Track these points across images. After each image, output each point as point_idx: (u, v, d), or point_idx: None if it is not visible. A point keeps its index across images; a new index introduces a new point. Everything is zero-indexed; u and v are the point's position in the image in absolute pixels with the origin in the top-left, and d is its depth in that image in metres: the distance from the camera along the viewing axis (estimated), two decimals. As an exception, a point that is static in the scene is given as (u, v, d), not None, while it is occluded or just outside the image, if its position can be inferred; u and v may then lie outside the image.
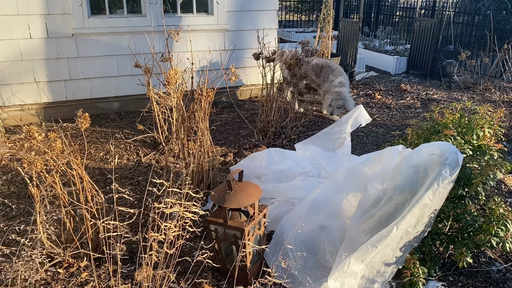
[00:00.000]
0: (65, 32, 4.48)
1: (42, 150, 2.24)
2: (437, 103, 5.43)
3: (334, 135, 3.22)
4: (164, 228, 1.78)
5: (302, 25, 12.37)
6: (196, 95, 2.87)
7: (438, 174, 2.21)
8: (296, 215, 2.53)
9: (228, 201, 2.16)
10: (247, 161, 3.17)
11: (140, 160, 3.82)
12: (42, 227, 2.30)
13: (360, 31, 6.24)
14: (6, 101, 4.43)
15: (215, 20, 5.09)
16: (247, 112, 5.05)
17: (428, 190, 2.19)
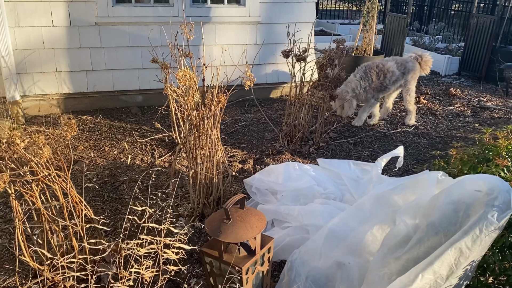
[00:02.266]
0: (88, 21, 4.29)
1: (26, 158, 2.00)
2: (491, 112, 4.83)
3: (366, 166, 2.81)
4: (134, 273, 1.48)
5: (349, 16, 11.74)
6: (207, 100, 2.54)
7: (482, 217, 1.77)
8: (309, 250, 2.17)
9: (224, 234, 1.84)
10: (262, 175, 2.84)
11: (154, 161, 3.57)
12: (23, 244, 2.08)
13: (408, 27, 5.68)
14: (26, 90, 4.31)
15: (247, 12, 4.73)
16: (275, 113, 4.68)
17: (467, 236, 1.76)
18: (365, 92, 4.16)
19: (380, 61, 4.23)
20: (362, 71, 4.16)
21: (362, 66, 4.22)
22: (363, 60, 5.27)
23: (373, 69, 4.12)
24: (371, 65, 4.17)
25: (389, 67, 4.14)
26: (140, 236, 1.49)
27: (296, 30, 3.82)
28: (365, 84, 4.14)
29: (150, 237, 1.49)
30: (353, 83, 4.15)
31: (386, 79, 4.14)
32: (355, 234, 2.26)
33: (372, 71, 4.12)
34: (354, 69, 5.17)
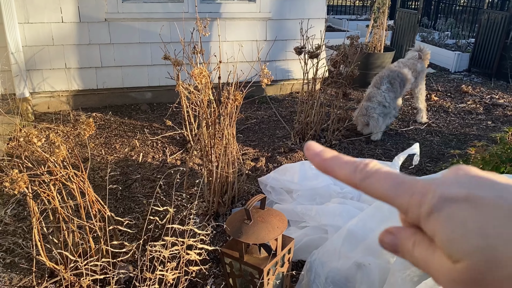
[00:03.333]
0: (98, 17, 4.25)
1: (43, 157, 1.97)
2: (503, 109, 4.78)
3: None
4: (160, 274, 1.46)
5: (355, 12, 11.66)
6: (223, 98, 2.51)
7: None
8: (328, 251, 2.14)
9: (245, 234, 1.81)
10: (277, 173, 2.80)
11: (165, 159, 3.55)
12: (40, 244, 2.06)
13: (418, 23, 5.62)
14: (36, 87, 4.28)
15: (257, 8, 4.69)
16: (286, 110, 4.65)
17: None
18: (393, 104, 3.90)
19: (397, 69, 3.95)
20: (387, 81, 3.85)
21: (384, 76, 3.90)
22: (374, 57, 5.22)
23: (396, 78, 3.88)
24: (393, 75, 3.90)
25: (407, 75, 3.95)
26: (164, 238, 1.46)
27: (309, 26, 3.78)
28: (393, 96, 3.86)
29: (174, 238, 1.46)
30: (379, 97, 3.82)
31: (405, 88, 4.00)
32: (375, 235, 2.22)
33: (396, 81, 3.87)
34: (366, 67, 5.12)
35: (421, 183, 0.32)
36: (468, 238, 0.29)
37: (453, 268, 0.30)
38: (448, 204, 0.31)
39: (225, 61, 3.63)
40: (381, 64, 5.29)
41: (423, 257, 0.33)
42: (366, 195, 0.35)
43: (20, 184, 1.59)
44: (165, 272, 1.42)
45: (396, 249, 0.35)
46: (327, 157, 0.37)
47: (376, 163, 0.36)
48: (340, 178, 0.36)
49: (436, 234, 0.31)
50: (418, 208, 0.32)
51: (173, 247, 1.47)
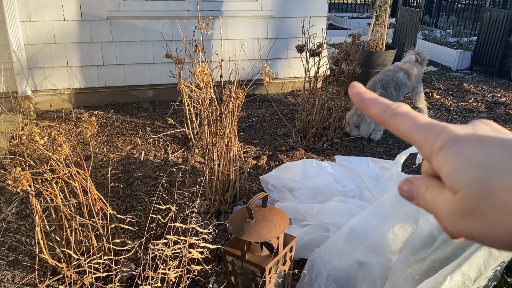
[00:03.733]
0: (100, 15, 4.25)
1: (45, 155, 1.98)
2: (505, 108, 4.77)
3: (385, 163, 2.77)
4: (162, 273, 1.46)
5: (357, 10, 11.63)
6: (225, 96, 2.51)
7: None
8: (330, 249, 2.14)
9: (247, 233, 1.81)
10: (279, 171, 2.80)
11: (167, 157, 3.55)
12: (43, 242, 2.07)
13: (420, 21, 5.61)
14: (38, 85, 4.29)
15: (259, 6, 4.68)
16: (287, 108, 4.64)
17: (497, 237, 1.74)
18: None
19: (392, 74, 3.91)
20: (380, 86, 3.82)
21: (377, 81, 3.87)
22: (376, 55, 5.21)
23: (390, 83, 3.85)
24: (387, 79, 3.86)
25: (402, 79, 3.90)
26: (166, 236, 1.47)
27: (310, 24, 3.77)
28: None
29: (176, 237, 1.47)
30: None
31: (400, 91, 3.95)
32: (376, 233, 2.23)
33: (390, 85, 3.84)
34: (368, 65, 5.12)
35: (440, 125, 0.35)
36: (470, 169, 0.31)
37: (453, 199, 0.33)
38: (459, 142, 0.33)
39: (227, 60, 3.63)
40: (382, 62, 5.29)
41: (432, 197, 0.35)
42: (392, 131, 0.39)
43: (23, 182, 1.60)
44: (167, 271, 1.42)
45: (412, 196, 0.38)
46: (367, 96, 0.41)
47: (408, 107, 0.38)
48: (372, 114, 0.40)
49: (442, 168, 0.34)
50: (432, 144, 0.34)
51: (176, 245, 1.48)
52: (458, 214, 0.33)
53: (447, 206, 0.33)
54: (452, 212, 0.33)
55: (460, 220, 0.32)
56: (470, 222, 0.32)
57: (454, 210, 0.33)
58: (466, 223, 0.32)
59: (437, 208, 0.35)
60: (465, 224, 0.32)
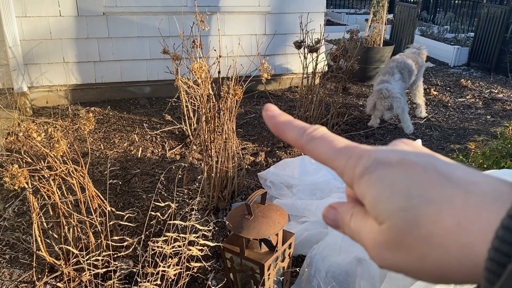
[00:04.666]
0: (96, 11, 4.22)
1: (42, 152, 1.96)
2: (503, 104, 4.78)
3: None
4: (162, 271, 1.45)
5: (354, 5, 11.61)
6: (223, 92, 2.50)
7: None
8: (329, 245, 2.14)
9: (246, 230, 1.81)
10: (277, 168, 2.80)
11: (165, 154, 3.54)
12: (40, 239, 2.05)
13: (418, 17, 5.60)
14: (34, 81, 4.26)
15: (256, 1, 4.66)
16: (286, 104, 4.64)
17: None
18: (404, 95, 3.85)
19: (403, 59, 3.92)
20: (398, 71, 3.79)
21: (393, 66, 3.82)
22: (374, 51, 5.20)
23: (404, 68, 3.83)
24: (401, 65, 3.84)
25: (411, 66, 3.90)
26: (166, 233, 1.46)
27: (308, 20, 3.76)
28: (403, 86, 3.82)
29: (176, 234, 1.46)
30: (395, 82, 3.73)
31: (411, 79, 3.96)
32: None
33: (404, 71, 3.83)
34: (365, 61, 5.11)
35: (359, 148, 0.33)
36: (394, 198, 0.29)
37: (378, 231, 0.31)
38: (380, 167, 0.31)
39: (224, 55, 3.61)
40: (380, 58, 5.28)
41: (357, 227, 0.33)
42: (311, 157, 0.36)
43: (21, 179, 1.59)
44: (166, 268, 1.42)
45: (337, 224, 0.36)
46: (281, 120, 0.38)
47: (325, 129, 0.36)
48: (289, 140, 0.38)
49: (365, 196, 0.31)
50: (352, 170, 0.32)
51: (175, 243, 1.47)
52: (384, 247, 0.30)
53: (373, 237, 0.31)
54: (378, 245, 0.31)
55: (387, 253, 0.30)
56: (397, 256, 0.30)
57: (379, 243, 0.31)
58: (393, 256, 0.30)
59: (363, 240, 0.32)
60: (392, 258, 0.30)
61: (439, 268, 0.28)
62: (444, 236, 0.28)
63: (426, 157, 0.31)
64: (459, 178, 0.29)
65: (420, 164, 0.30)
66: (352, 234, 0.34)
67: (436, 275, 0.29)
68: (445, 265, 0.28)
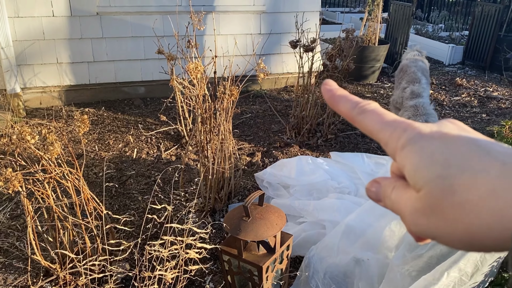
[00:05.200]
0: (90, 11, 4.18)
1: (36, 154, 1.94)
2: (498, 102, 4.79)
3: (380, 159, 2.75)
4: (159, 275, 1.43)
5: (348, 4, 11.61)
6: (219, 93, 2.48)
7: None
8: (327, 246, 2.13)
9: (243, 232, 1.79)
10: (274, 168, 2.78)
11: (160, 155, 3.51)
12: (35, 243, 2.02)
13: (413, 15, 5.60)
14: (27, 82, 4.21)
15: (251, 1, 4.64)
16: (281, 104, 4.62)
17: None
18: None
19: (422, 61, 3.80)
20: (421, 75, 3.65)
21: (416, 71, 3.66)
22: (369, 50, 5.20)
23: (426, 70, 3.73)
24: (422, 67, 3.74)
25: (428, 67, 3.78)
26: (163, 237, 1.44)
27: (304, 19, 3.74)
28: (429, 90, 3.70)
29: (173, 237, 1.44)
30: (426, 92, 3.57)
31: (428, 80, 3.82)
32: (373, 230, 2.22)
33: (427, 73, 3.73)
34: (361, 60, 5.10)
35: (406, 122, 0.35)
36: (432, 167, 0.31)
37: (416, 197, 0.32)
38: (422, 139, 0.33)
39: (219, 55, 3.58)
40: (375, 57, 5.28)
41: (397, 197, 0.35)
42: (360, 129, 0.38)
43: (14, 183, 1.56)
44: (164, 272, 1.40)
45: (379, 197, 0.38)
46: (338, 93, 0.41)
47: (377, 105, 0.38)
48: (341, 111, 0.40)
49: (406, 164, 0.33)
50: (396, 141, 0.34)
51: (172, 246, 1.45)
52: (420, 212, 0.32)
53: (410, 204, 0.33)
54: (415, 211, 0.33)
55: (423, 219, 0.32)
56: (431, 221, 0.31)
57: (416, 209, 0.32)
58: (428, 221, 0.32)
59: (401, 208, 0.34)
60: (427, 223, 0.32)
61: (470, 233, 0.30)
62: (477, 202, 0.29)
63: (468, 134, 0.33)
64: (498, 151, 0.30)
65: (461, 138, 0.32)
66: (392, 205, 0.36)
67: (466, 240, 0.30)
68: (475, 229, 0.29)
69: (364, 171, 2.67)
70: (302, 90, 3.76)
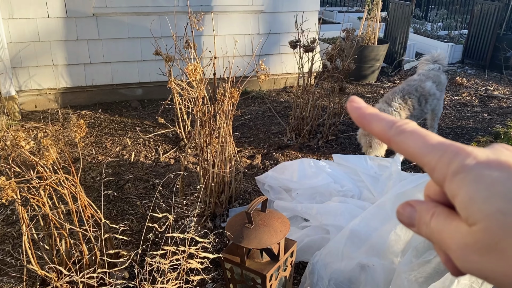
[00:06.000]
0: (85, 12, 4.11)
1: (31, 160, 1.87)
2: (499, 101, 4.75)
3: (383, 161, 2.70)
4: (159, 287, 1.37)
5: (345, 4, 11.56)
6: (218, 95, 2.42)
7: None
8: (331, 252, 2.08)
9: (246, 239, 1.73)
10: (275, 172, 2.72)
11: (158, 158, 3.45)
12: (30, 252, 1.96)
13: (412, 14, 5.56)
14: (22, 85, 4.14)
15: (249, 0, 4.58)
16: (281, 105, 4.56)
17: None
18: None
19: (417, 83, 3.26)
20: (400, 97, 3.15)
21: (397, 90, 3.22)
22: (369, 50, 5.15)
23: (413, 93, 3.17)
24: (410, 89, 3.19)
25: (430, 89, 3.24)
26: (164, 247, 1.38)
27: (303, 19, 3.69)
28: (406, 114, 3.13)
29: (174, 247, 1.38)
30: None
31: (427, 104, 3.26)
32: (378, 234, 2.17)
33: (412, 97, 3.16)
34: (360, 60, 5.05)
35: (456, 145, 0.32)
36: (492, 200, 0.28)
37: (468, 232, 0.29)
38: (479, 166, 0.30)
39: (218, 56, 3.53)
40: (375, 57, 5.23)
41: (439, 227, 0.32)
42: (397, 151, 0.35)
43: (8, 192, 1.50)
44: (165, 285, 1.34)
45: (412, 222, 0.34)
46: (368, 112, 0.38)
47: (415, 124, 0.35)
48: (375, 131, 0.37)
49: (458, 193, 0.30)
50: (446, 166, 0.31)
51: (174, 256, 1.39)
52: (472, 249, 0.29)
53: (459, 238, 0.30)
54: (465, 247, 0.30)
55: (475, 257, 0.29)
56: (486, 260, 0.28)
57: (468, 245, 0.29)
58: (481, 260, 0.29)
59: (445, 239, 0.31)
60: (480, 262, 0.29)
61: None
62: None
63: None
64: None
65: None
66: (431, 234, 0.33)
67: None
68: None
69: (368, 173, 2.62)
70: (302, 91, 3.71)
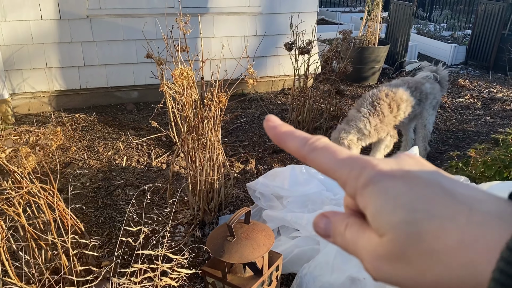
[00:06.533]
0: (79, 13, 4.05)
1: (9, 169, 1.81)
2: (502, 104, 4.63)
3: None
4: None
5: (349, 4, 11.45)
6: (206, 100, 2.34)
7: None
8: (320, 264, 1.99)
9: (227, 253, 1.65)
10: (266, 178, 2.64)
11: (150, 162, 3.38)
12: (7, 263, 1.89)
13: (413, 15, 5.45)
14: (16, 88, 4.09)
15: (246, 2, 4.50)
16: (278, 107, 4.48)
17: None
18: (376, 131, 3.00)
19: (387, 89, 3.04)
20: (369, 103, 2.99)
21: (366, 97, 3.05)
22: (369, 51, 5.05)
23: (382, 100, 2.99)
24: (379, 95, 3.01)
25: (403, 95, 3.01)
26: (134, 265, 1.30)
27: (299, 21, 3.60)
28: (376, 123, 2.97)
29: (145, 265, 1.30)
30: (358, 122, 2.98)
31: (400, 111, 3.02)
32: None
33: (381, 103, 2.98)
34: (360, 61, 4.96)
35: (363, 159, 0.33)
36: (397, 211, 0.29)
37: (378, 243, 0.30)
38: (385, 178, 0.31)
39: (215, 58, 3.45)
40: (375, 58, 5.13)
41: (353, 237, 0.33)
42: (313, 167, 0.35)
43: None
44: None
45: (328, 233, 0.35)
46: (282, 130, 0.38)
47: (327, 140, 0.36)
48: (290, 149, 0.37)
49: (368, 206, 0.31)
50: (355, 180, 0.32)
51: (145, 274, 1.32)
52: (383, 259, 0.30)
53: (371, 249, 0.31)
54: (377, 256, 0.31)
55: (386, 266, 0.30)
56: (397, 268, 0.30)
57: (379, 254, 0.31)
58: (391, 269, 0.30)
59: (359, 251, 0.32)
60: (390, 270, 0.30)
61: (439, 283, 0.28)
62: (446, 252, 0.27)
63: (430, 173, 0.31)
64: (463, 195, 0.29)
65: (424, 179, 0.30)
66: (346, 244, 0.34)
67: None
68: (446, 281, 0.28)
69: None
70: (298, 94, 3.63)
